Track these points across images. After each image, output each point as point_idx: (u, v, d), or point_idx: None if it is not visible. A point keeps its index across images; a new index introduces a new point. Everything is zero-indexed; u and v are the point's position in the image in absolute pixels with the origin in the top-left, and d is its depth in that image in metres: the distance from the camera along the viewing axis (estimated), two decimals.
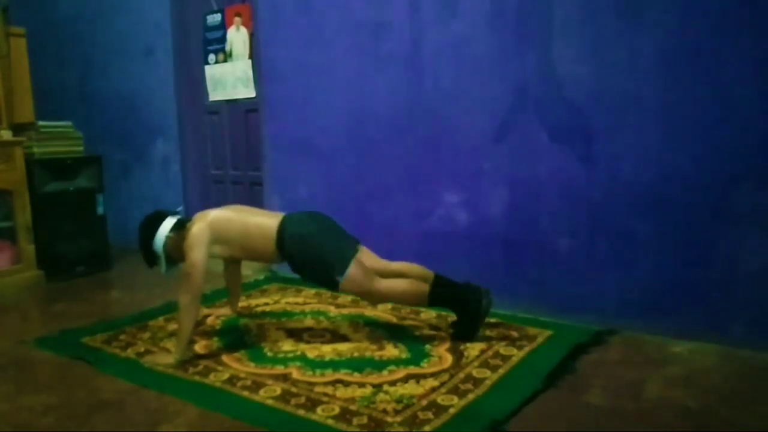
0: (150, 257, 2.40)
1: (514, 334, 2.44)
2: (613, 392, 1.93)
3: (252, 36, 3.70)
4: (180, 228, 2.35)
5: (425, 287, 2.34)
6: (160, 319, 2.77)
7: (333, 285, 2.31)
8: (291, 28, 3.35)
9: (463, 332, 2.38)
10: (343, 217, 2.55)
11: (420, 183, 2.98)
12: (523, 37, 2.59)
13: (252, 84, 3.79)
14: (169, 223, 2.37)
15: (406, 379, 2.03)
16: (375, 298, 2.38)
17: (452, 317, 2.56)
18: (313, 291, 3.17)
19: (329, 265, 2.27)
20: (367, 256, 2.40)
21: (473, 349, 2.28)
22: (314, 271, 2.34)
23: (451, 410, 1.81)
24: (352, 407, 1.85)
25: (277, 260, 2.41)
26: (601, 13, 2.39)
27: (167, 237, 2.34)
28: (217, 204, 2.66)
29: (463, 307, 2.37)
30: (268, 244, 2.32)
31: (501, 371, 2.08)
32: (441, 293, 2.36)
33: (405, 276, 2.40)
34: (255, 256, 2.47)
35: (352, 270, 2.26)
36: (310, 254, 2.30)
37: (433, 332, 2.49)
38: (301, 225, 2.34)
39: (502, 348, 2.29)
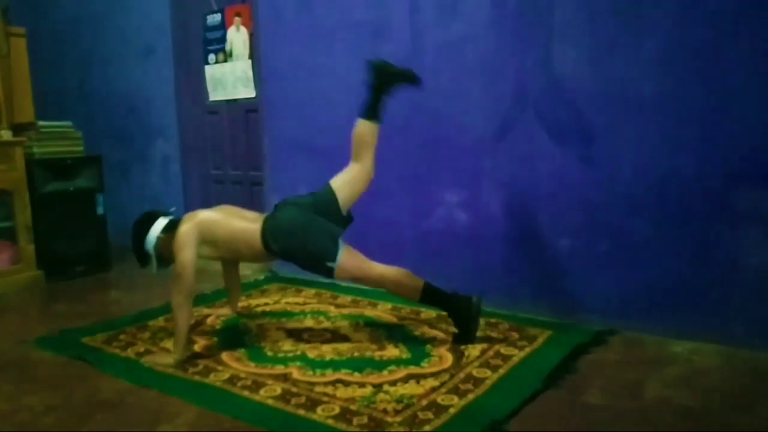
0: (142, 256, 2.40)
1: (515, 334, 2.44)
2: (613, 392, 1.93)
3: (252, 36, 3.71)
4: (172, 228, 2.35)
5: (419, 282, 2.33)
6: (160, 319, 2.77)
7: (327, 272, 2.31)
8: (291, 28, 3.35)
9: (461, 334, 2.37)
10: None
11: (420, 183, 2.98)
12: (523, 37, 2.59)
13: (252, 84, 3.79)
14: (161, 223, 2.37)
15: (406, 379, 2.03)
16: (369, 282, 2.38)
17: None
18: (313, 291, 3.17)
19: (319, 255, 2.28)
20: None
21: (474, 349, 2.28)
22: (305, 263, 2.35)
23: (451, 410, 1.81)
24: (352, 407, 1.85)
25: (267, 259, 2.42)
26: (601, 14, 2.39)
27: (158, 238, 2.35)
28: (217, 204, 2.66)
29: (453, 307, 2.36)
30: (252, 247, 2.32)
31: (501, 371, 2.08)
32: (433, 290, 2.34)
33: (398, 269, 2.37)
34: (243, 258, 2.48)
35: (343, 258, 2.27)
36: (299, 248, 2.30)
37: (433, 332, 2.49)
38: (284, 220, 2.32)
39: (503, 348, 2.29)
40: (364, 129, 2.40)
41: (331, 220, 2.33)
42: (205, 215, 2.36)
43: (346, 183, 2.40)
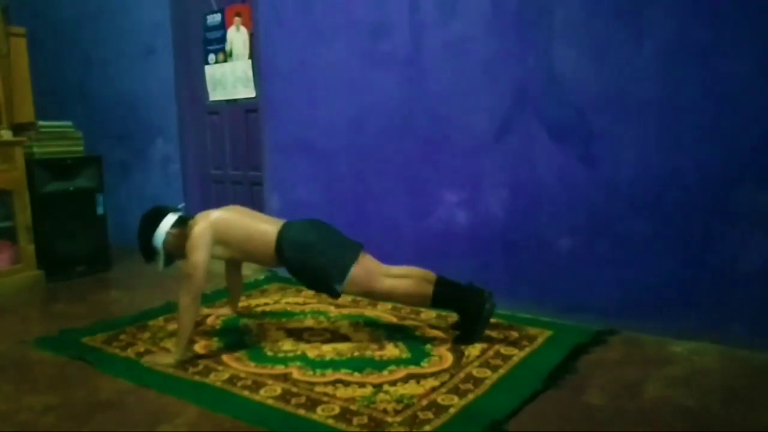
0: (148, 252, 2.39)
1: (515, 334, 2.43)
2: (613, 392, 1.93)
3: (252, 36, 3.70)
4: (181, 225, 2.35)
5: (429, 288, 2.32)
6: (160, 319, 2.77)
7: (332, 292, 2.31)
8: (291, 28, 3.35)
9: (464, 335, 2.36)
10: (343, 217, 2.56)
11: (420, 183, 2.98)
12: (523, 37, 2.59)
13: (252, 84, 3.79)
14: (170, 219, 2.37)
15: (406, 379, 2.04)
16: (377, 296, 2.38)
17: (453, 317, 2.56)
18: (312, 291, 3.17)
19: (327, 274, 2.27)
20: (369, 262, 2.38)
21: (474, 349, 2.28)
22: (312, 279, 2.34)
23: (451, 410, 1.81)
24: (353, 407, 1.85)
25: (276, 265, 2.41)
26: (601, 14, 2.39)
27: (168, 233, 2.34)
28: (217, 204, 2.66)
29: (465, 311, 2.36)
30: (267, 250, 2.33)
31: (501, 371, 2.08)
32: (444, 294, 2.34)
33: (408, 278, 2.38)
34: (254, 259, 2.47)
35: (353, 272, 2.26)
36: (309, 262, 2.29)
37: (433, 332, 2.49)
38: (301, 233, 2.33)
39: (503, 348, 2.29)
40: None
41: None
42: (220, 215, 2.36)
43: (368, 261, 2.36)
